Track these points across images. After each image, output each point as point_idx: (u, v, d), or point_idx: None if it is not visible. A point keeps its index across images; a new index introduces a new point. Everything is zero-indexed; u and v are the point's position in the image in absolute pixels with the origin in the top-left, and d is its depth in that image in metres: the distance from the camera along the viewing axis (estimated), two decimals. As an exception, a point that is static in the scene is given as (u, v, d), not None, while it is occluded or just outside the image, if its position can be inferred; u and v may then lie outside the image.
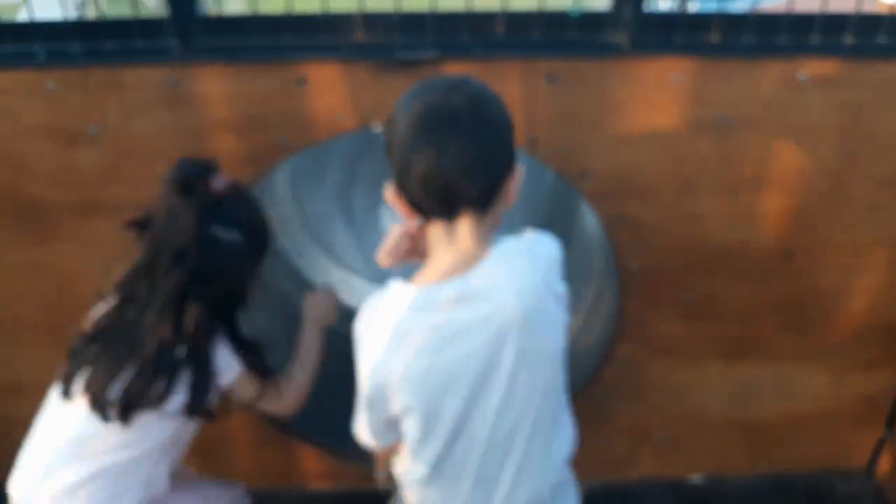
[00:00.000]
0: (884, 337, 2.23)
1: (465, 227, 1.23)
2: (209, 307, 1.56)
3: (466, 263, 1.23)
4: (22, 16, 1.86)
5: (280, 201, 3.54)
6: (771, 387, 2.31)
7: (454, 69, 1.71)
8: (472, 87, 1.23)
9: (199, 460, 2.39)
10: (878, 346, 2.25)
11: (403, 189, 1.22)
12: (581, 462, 2.44)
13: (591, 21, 1.73)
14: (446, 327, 1.21)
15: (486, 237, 1.26)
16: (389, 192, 1.26)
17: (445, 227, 1.24)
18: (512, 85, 1.74)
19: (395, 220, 1.46)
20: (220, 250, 1.54)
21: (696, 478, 2.52)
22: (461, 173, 1.17)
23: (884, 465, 2.50)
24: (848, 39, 1.77)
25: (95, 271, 1.98)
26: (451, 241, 1.25)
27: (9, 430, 2.31)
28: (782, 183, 1.90)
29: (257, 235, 1.62)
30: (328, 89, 1.74)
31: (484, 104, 1.21)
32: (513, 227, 4.05)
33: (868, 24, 1.77)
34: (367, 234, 3.75)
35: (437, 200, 1.20)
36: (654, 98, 1.77)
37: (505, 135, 1.24)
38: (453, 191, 1.18)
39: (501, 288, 1.20)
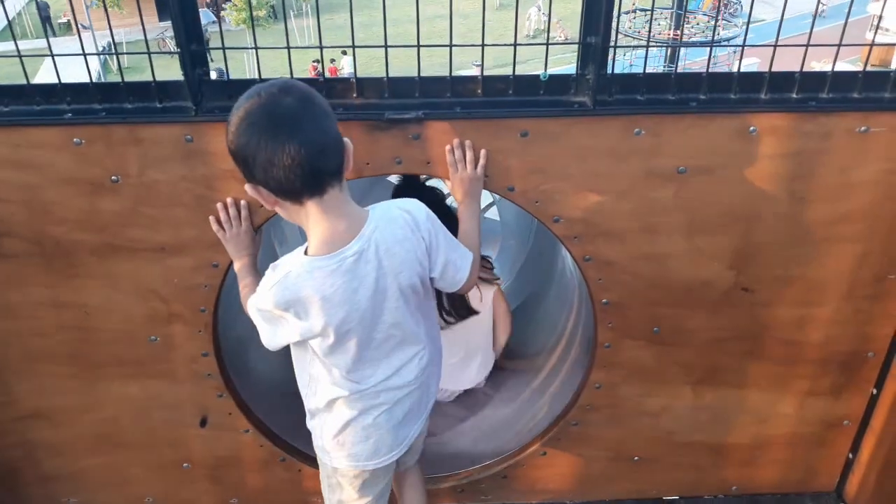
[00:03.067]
0: (846, 364, 2.39)
1: (338, 197, 1.60)
2: None
3: (352, 225, 1.63)
4: (45, 68, 2.04)
5: (290, 236, 3.72)
6: (739, 411, 2.47)
7: (437, 127, 1.91)
8: (298, 87, 1.54)
9: (208, 479, 2.57)
10: (842, 373, 2.41)
11: (265, 183, 1.55)
12: (561, 483, 2.62)
13: (558, 82, 1.92)
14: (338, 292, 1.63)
15: (351, 200, 1.65)
16: (249, 189, 1.59)
17: (319, 204, 1.58)
18: (489, 140, 1.94)
19: None
20: None
21: (671, 498, 2.68)
22: (320, 154, 1.52)
23: (852, 485, 2.65)
24: (794, 95, 1.96)
25: (115, 306, 2.18)
26: (328, 213, 1.60)
27: (33, 454, 2.51)
28: (738, 225, 2.09)
29: None
30: (325, 144, 1.93)
31: (312, 98, 1.54)
32: (508, 256, 4.26)
33: (811, 81, 1.96)
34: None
35: (307, 182, 1.53)
36: (617, 150, 1.96)
37: (333, 118, 1.58)
38: (319, 169, 1.53)
39: (380, 243, 1.65)
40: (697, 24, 15.83)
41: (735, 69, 2.03)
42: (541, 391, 2.84)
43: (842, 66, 1.96)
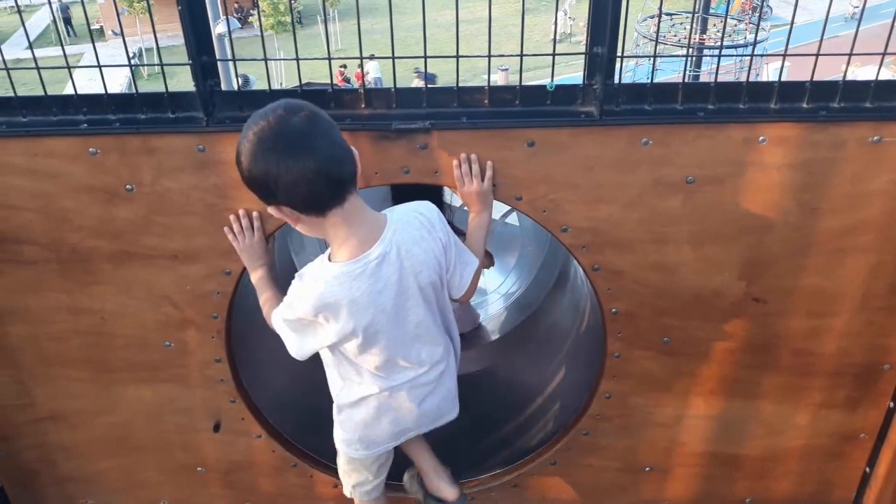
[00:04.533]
0: (861, 376, 2.36)
1: (356, 204, 1.70)
2: None
3: (372, 230, 1.74)
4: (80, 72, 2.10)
5: (307, 243, 3.75)
6: (752, 422, 2.45)
7: (445, 137, 1.92)
8: (302, 106, 1.63)
9: (222, 483, 2.61)
10: (857, 385, 2.38)
11: (289, 202, 1.63)
12: (572, 493, 2.61)
13: (565, 93, 1.93)
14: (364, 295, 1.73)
15: (367, 206, 1.75)
16: (272, 211, 1.68)
17: (340, 214, 1.67)
18: (496, 150, 1.95)
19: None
20: None
21: (683, 508, 2.66)
22: (338, 164, 1.63)
23: (869, 499, 2.61)
24: (804, 104, 1.94)
25: (130, 312, 2.22)
26: (349, 221, 1.70)
27: (50, 457, 2.56)
28: (747, 235, 2.07)
29: None
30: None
31: (317, 113, 1.64)
32: (527, 262, 4.27)
33: (822, 90, 1.94)
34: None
35: (329, 191, 1.63)
36: (625, 160, 1.96)
37: (338, 128, 1.67)
38: (338, 177, 1.63)
39: (401, 245, 1.75)
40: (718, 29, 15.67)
41: (765, 74, 2.01)
42: (552, 399, 2.83)
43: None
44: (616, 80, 1.89)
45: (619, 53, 1.85)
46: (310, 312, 1.76)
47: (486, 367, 3.49)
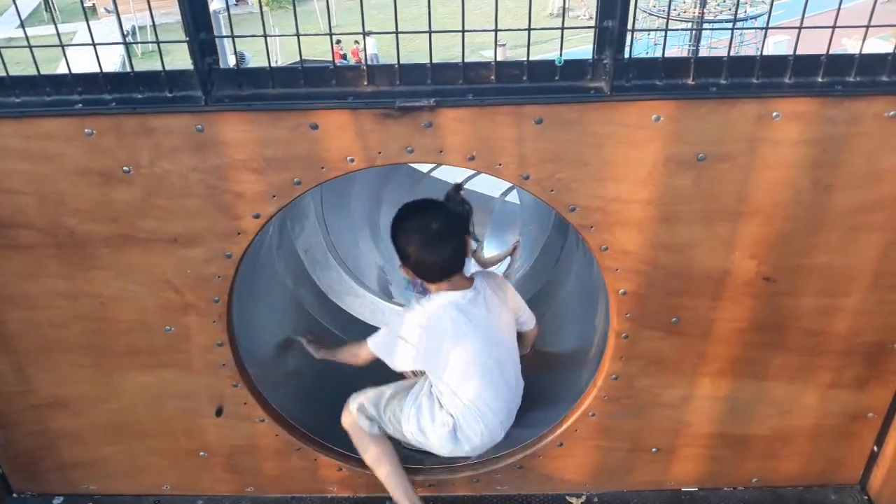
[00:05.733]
0: (871, 355, 2.33)
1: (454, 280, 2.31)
2: None
3: (467, 281, 2.34)
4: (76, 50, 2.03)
5: (309, 227, 3.72)
6: (760, 402, 2.42)
7: (450, 115, 1.87)
8: (442, 210, 2.29)
9: (225, 468, 2.59)
10: (866, 364, 2.35)
11: (415, 271, 2.27)
12: (578, 474, 2.60)
13: (574, 68, 1.87)
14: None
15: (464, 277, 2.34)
16: (404, 272, 2.32)
17: (443, 283, 2.30)
18: (503, 128, 1.89)
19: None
20: None
21: (690, 490, 2.64)
22: (451, 259, 2.26)
23: (876, 478, 2.59)
24: (819, 78, 1.89)
25: (130, 297, 2.19)
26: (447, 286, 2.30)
27: (51, 443, 2.53)
28: (759, 213, 2.03)
29: None
30: (337, 133, 1.91)
31: (449, 218, 2.26)
32: (528, 241, 4.27)
33: (838, 64, 1.89)
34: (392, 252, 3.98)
35: (438, 272, 2.28)
36: (635, 137, 1.91)
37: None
38: (447, 267, 2.27)
39: (486, 290, 2.34)
40: (724, 1, 15.53)
41: (762, 49, 1.95)
42: (558, 379, 2.81)
43: (873, 44, 1.88)
44: (627, 55, 1.84)
45: (629, 27, 1.79)
46: (419, 333, 2.31)
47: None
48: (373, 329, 2.43)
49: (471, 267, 2.79)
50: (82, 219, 2.06)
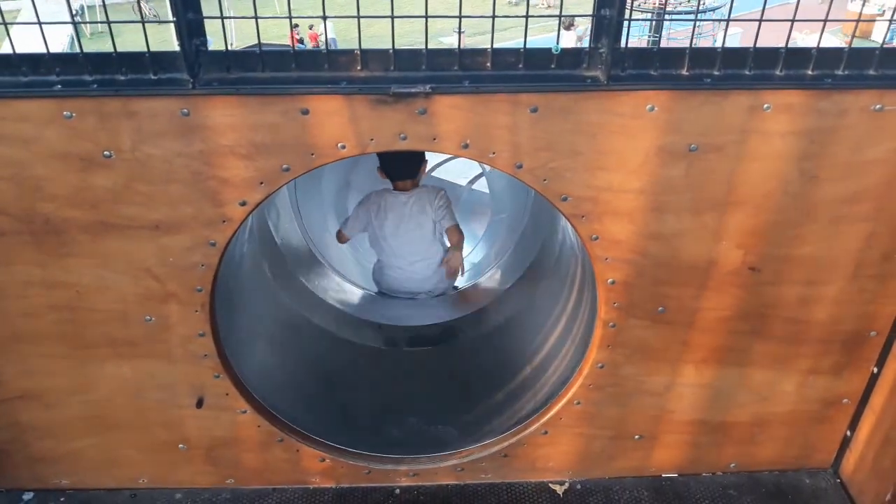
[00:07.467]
0: (848, 343, 2.39)
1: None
2: None
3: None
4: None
5: (283, 213, 3.66)
6: (740, 390, 2.46)
7: (445, 101, 1.84)
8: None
9: (205, 460, 2.53)
10: (843, 352, 2.41)
11: (383, 169, 3.69)
12: (561, 461, 2.61)
13: (570, 56, 1.86)
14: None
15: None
16: (379, 173, 3.71)
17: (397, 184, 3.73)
18: (498, 115, 1.87)
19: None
20: None
21: (670, 476, 2.68)
22: (401, 168, 3.67)
23: (849, 462, 2.66)
24: (809, 71, 1.91)
25: (108, 286, 2.11)
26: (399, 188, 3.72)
27: (22, 437, 2.44)
28: (747, 203, 2.05)
29: None
30: (329, 119, 1.87)
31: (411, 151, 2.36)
32: (500, 230, 4.27)
33: (828, 57, 1.91)
34: (359, 239, 4.00)
35: (391, 173, 3.69)
36: (629, 127, 1.91)
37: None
38: (397, 172, 3.69)
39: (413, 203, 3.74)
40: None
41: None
42: (542, 369, 2.81)
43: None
44: (623, 44, 1.83)
45: (626, 16, 1.79)
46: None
47: (476, 335, 3.46)
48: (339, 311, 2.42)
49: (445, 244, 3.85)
50: (59, 205, 1.98)
